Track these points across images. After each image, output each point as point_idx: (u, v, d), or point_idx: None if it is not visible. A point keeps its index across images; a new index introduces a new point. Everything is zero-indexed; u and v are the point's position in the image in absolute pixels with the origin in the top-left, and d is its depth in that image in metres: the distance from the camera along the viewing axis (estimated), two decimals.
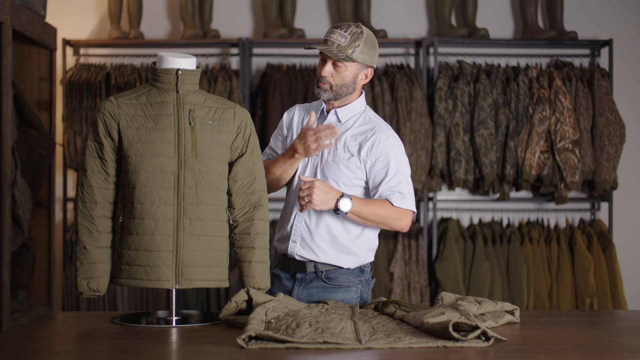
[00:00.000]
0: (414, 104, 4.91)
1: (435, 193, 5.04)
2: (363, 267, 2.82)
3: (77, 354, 2.16)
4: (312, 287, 2.78)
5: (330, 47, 2.65)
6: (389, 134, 2.75)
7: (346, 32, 2.65)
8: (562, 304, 4.90)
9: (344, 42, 2.64)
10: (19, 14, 3.85)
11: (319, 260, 2.76)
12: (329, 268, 2.77)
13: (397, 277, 4.92)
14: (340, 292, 2.77)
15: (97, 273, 2.51)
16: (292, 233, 2.77)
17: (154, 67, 2.55)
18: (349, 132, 2.75)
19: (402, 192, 2.70)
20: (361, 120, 2.78)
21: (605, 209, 5.25)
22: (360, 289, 2.80)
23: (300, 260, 2.78)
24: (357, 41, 2.65)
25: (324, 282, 2.77)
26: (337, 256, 2.76)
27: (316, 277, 2.78)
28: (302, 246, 2.76)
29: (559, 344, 2.21)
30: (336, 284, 2.77)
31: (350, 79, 2.71)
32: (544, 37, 5.07)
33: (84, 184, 2.52)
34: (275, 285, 2.85)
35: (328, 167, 2.74)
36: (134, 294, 4.86)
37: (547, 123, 4.91)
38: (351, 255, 2.77)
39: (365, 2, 5.09)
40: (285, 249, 2.81)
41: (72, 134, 4.89)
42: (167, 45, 5.06)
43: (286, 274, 2.83)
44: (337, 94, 2.72)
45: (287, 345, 2.09)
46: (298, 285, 2.79)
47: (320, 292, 2.77)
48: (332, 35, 2.66)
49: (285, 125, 2.91)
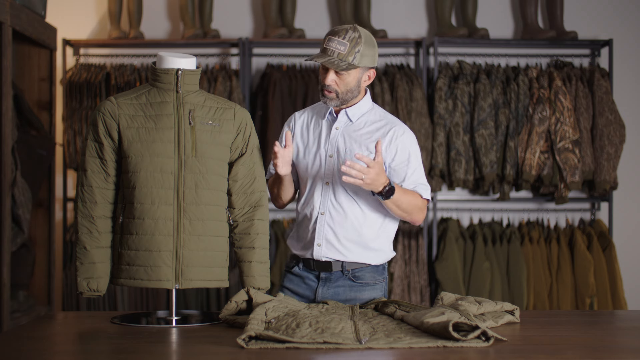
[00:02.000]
0: (414, 104, 4.91)
1: (435, 193, 5.04)
2: (385, 265, 2.83)
3: (77, 354, 2.17)
4: (338, 285, 2.76)
5: (331, 58, 2.62)
6: (404, 128, 2.76)
7: (345, 39, 2.62)
8: (562, 304, 4.90)
9: (343, 49, 2.62)
10: (19, 14, 3.85)
11: (346, 259, 2.75)
12: (356, 267, 2.76)
13: (397, 277, 4.92)
14: (367, 290, 2.77)
15: (97, 273, 2.51)
16: (316, 237, 2.74)
17: (154, 67, 2.55)
18: (363, 130, 2.74)
19: (425, 184, 2.74)
20: (372, 117, 2.77)
21: (605, 209, 5.25)
22: (384, 287, 2.81)
23: (326, 261, 2.76)
24: (357, 47, 2.63)
25: (351, 280, 2.76)
26: (364, 254, 2.75)
27: (342, 275, 2.76)
28: (327, 248, 2.74)
29: (559, 344, 2.21)
30: (363, 282, 2.76)
31: (354, 84, 2.70)
32: (544, 37, 5.07)
33: (84, 184, 2.52)
34: (295, 283, 2.82)
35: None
36: (134, 294, 4.86)
37: (547, 123, 4.91)
38: (377, 250, 2.77)
39: (365, 2, 5.09)
40: (308, 253, 2.77)
41: (72, 134, 4.89)
42: (167, 45, 5.06)
43: (309, 274, 2.80)
44: (344, 100, 2.71)
45: (287, 345, 2.09)
46: (322, 284, 2.77)
47: (347, 290, 2.76)
48: (330, 44, 2.63)
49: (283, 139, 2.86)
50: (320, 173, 2.75)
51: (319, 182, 2.75)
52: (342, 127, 2.75)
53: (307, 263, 2.80)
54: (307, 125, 2.83)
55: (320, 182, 2.74)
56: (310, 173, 2.77)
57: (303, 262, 2.82)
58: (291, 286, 2.83)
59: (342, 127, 2.75)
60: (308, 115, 2.86)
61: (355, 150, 2.70)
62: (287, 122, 2.89)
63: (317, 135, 2.78)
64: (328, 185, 2.73)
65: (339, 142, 2.74)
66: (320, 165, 2.75)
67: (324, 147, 2.75)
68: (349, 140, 2.73)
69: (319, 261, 2.76)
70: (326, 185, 2.73)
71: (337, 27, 2.67)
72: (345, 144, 2.73)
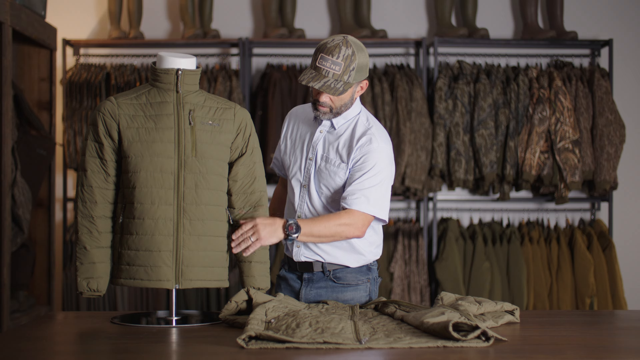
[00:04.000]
0: (414, 104, 4.91)
1: (435, 193, 5.04)
2: (370, 266, 2.81)
3: (77, 354, 2.17)
4: (320, 286, 2.76)
5: (327, 80, 2.56)
6: (379, 138, 2.69)
7: (338, 59, 2.55)
8: (562, 304, 4.90)
9: (338, 70, 2.56)
10: (19, 14, 3.85)
11: (325, 260, 2.75)
12: (336, 267, 2.76)
13: (397, 277, 4.92)
14: (349, 290, 2.76)
15: (97, 273, 2.51)
16: None
17: (154, 67, 2.55)
18: (341, 138, 2.73)
19: (367, 196, 2.61)
20: (354, 124, 2.74)
21: (605, 209, 5.25)
22: (369, 287, 2.79)
23: (306, 261, 2.77)
24: (352, 64, 2.57)
25: (332, 281, 2.75)
26: (341, 255, 2.74)
27: (324, 276, 2.76)
28: (305, 249, 2.75)
29: (559, 344, 2.21)
30: (345, 282, 2.76)
31: (349, 99, 2.68)
32: (544, 37, 5.07)
33: (84, 184, 2.52)
34: (282, 287, 2.83)
35: (320, 173, 2.72)
36: (134, 294, 4.86)
37: (547, 123, 4.91)
38: (355, 253, 2.75)
39: (365, 2, 5.09)
40: (290, 253, 2.79)
41: (72, 134, 4.89)
42: (167, 45, 5.06)
43: (292, 275, 2.81)
44: (338, 113, 2.70)
45: (287, 345, 2.09)
46: (305, 285, 2.77)
47: (329, 291, 2.76)
48: (324, 63, 2.56)
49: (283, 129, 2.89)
50: (299, 175, 2.76)
51: (297, 184, 2.76)
52: (325, 131, 2.75)
53: (292, 264, 2.81)
54: (297, 124, 2.84)
55: (298, 184, 2.76)
56: (291, 172, 2.79)
57: (288, 263, 2.83)
58: (278, 290, 2.84)
59: (325, 131, 2.75)
60: (303, 113, 2.86)
61: (331, 157, 2.70)
62: (286, 116, 2.91)
63: (303, 136, 2.79)
64: (305, 187, 2.74)
65: (319, 147, 2.74)
66: (300, 166, 2.76)
67: (305, 149, 2.76)
68: (327, 147, 2.73)
69: (299, 261, 2.77)
70: (303, 188, 2.75)
71: (328, 41, 2.59)
72: (324, 149, 2.73)
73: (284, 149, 2.84)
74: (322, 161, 2.72)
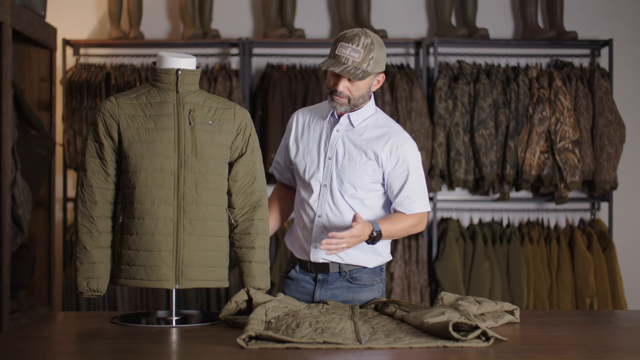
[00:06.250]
0: (414, 104, 4.91)
1: (435, 193, 5.04)
2: (382, 266, 2.83)
3: (77, 354, 2.17)
4: (335, 287, 2.75)
5: (346, 66, 2.59)
6: (405, 137, 2.75)
7: (358, 46, 2.59)
8: (562, 304, 4.89)
9: (358, 57, 2.59)
10: (19, 14, 3.85)
11: (343, 261, 2.74)
12: (353, 268, 2.76)
13: (397, 277, 4.92)
14: (365, 291, 2.76)
15: (97, 273, 2.51)
16: (313, 239, 2.73)
17: (154, 67, 2.55)
18: (364, 136, 2.73)
19: (420, 196, 2.73)
20: (373, 123, 2.75)
21: (605, 209, 5.25)
22: (382, 288, 2.81)
23: (323, 262, 2.76)
24: (371, 53, 2.61)
25: (348, 282, 2.75)
26: (361, 256, 2.74)
27: (340, 277, 2.76)
28: (324, 250, 2.72)
29: (559, 344, 2.21)
30: (361, 283, 2.76)
31: (366, 90, 2.69)
32: (544, 37, 5.07)
33: (84, 184, 2.52)
34: (292, 288, 2.81)
35: (344, 171, 2.70)
36: (134, 294, 4.86)
37: (547, 123, 4.91)
38: (374, 254, 2.76)
39: (365, 2, 5.09)
40: (305, 255, 2.77)
41: (72, 134, 4.89)
42: (167, 45, 5.06)
43: (305, 276, 2.79)
44: (355, 105, 2.70)
45: (287, 345, 2.09)
46: (320, 286, 2.76)
47: (345, 292, 2.75)
48: (344, 51, 2.59)
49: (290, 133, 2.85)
50: (318, 175, 2.74)
51: (316, 184, 2.74)
52: (343, 130, 2.74)
53: (304, 265, 2.79)
54: (307, 125, 2.82)
55: (318, 184, 2.73)
56: (308, 174, 2.76)
57: (300, 264, 2.81)
58: (287, 292, 2.82)
59: (343, 130, 2.74)
60: (310, 115, 2.84)
61: (354, 155, 2.70)
62: (290, 120, 2.88)
63: (318, 136, 2.77)
64: (326, 187, 2.72)
65: (338, 145, 2.73)
66: (318, 166, 2.74)
67: (323, 149, 2.74)
68: (348, 145, 2.72)
69: (316, 263, 2.75)
70: (324, 188, 2.73)
71: (347, 32, 2.63)
72: (345, 148, 2.72)
73: (295, 151, 2.81)
74: (344, 159, 2.71)
